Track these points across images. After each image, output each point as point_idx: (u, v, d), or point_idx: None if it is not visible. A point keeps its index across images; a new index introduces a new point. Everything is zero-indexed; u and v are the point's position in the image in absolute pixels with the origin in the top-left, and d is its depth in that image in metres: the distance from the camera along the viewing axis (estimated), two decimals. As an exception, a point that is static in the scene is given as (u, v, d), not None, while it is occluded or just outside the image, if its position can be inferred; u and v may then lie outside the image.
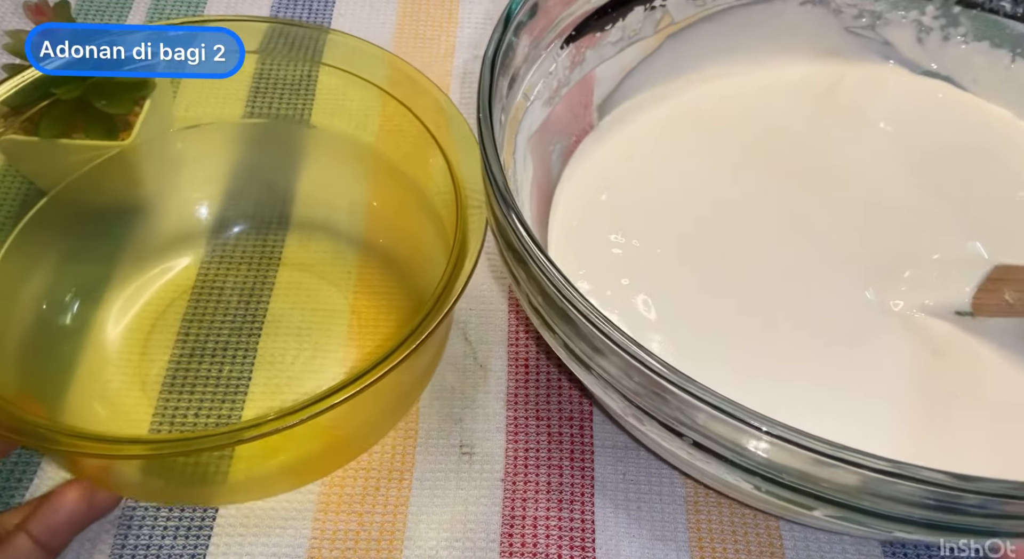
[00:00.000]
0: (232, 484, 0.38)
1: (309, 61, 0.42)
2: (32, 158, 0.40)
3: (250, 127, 0.48)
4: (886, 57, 0.48)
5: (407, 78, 0.40)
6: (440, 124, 0.39)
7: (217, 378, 0.41)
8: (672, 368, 0.26)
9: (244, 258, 0.45)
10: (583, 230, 0.41)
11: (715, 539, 0.38)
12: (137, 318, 0.43)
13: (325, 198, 0.47)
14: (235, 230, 0.46)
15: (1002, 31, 0.45)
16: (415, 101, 0.40)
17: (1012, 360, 0.37)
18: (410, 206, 0.44)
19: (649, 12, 0.43)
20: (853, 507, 0.26)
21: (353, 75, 0.41)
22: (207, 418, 0.40)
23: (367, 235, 0.46)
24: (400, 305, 0.44)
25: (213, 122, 0.46)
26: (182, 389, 0.41)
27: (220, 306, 0.44)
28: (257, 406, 0.41)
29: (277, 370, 0.42)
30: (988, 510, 0.24)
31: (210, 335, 0.43)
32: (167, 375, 0.41)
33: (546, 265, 0.28)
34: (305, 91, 0.47)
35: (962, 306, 0.37)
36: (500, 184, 0.31)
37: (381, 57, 0.41)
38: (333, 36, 0.42)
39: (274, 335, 0.43)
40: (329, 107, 0.45)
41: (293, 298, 0.44)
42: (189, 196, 0.46)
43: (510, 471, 0.39)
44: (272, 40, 0.42)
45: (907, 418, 0.35)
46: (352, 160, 0.46)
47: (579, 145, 0.45)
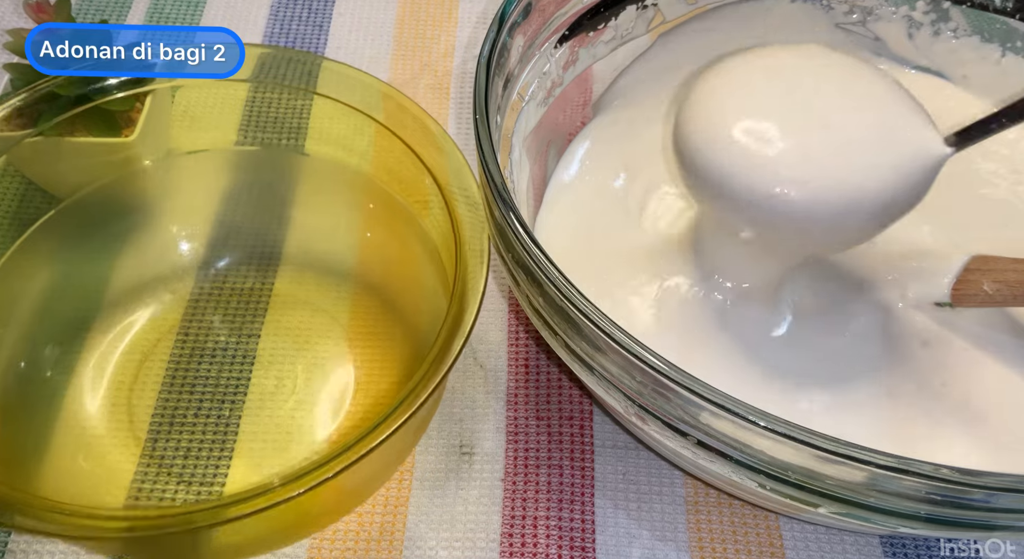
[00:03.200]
0: (216, 549, 0.36)
1: (303, 90, 0.41)
2: (32, 157, 0.39)
3: (241, 155, 0.46)
4: (876, 53, 0.48)
5: (401, 109, 0.39)
6: (434, 156, 0.39)
7: (204, 424, 0.39)
8: (674, 366, 0.26)
9: (234, 292, 0.43)
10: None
11: (715, 539, 0.38)
12: (121, 363, 0.41)
13: (319, 228, 0.46)
14: (224, 263, 0.44)
15: (992, 25, 0.45)
16: (409, 132, 0.39)
17: (994, 351, 0.37)
18: (406, 238, 0.43)
19: (641, 11, 0.43)
20: (857, 503, 0.26)
21: (347, 105, 0.40)
22: (194, 468, 0.38)
23: (361, 267, 0.45)
24: (397, 343, 0.42)
25: (204, 150, 0.44)
26: (168, 437, 0.39)
27: (208, 345, 0.42)
28: (247, 458, 0.39)
29: (268, 413, 0.40)
30: (992, 504, 0.24)
31: (198, 376, 0.41)
32: (153, 421, 0.39)
33: (546, 265, 0.28)
34: (299, 119, 0.45)
35: (941, 297, 0.37)
36: (498, 185, 0.31)
37: (375, 87, 0.40)
38: (327, 64, 0.41)
39: (265, 375, 0.41)
40: (323, 135, 0.44)
41: (284, 334, 0.42)
42: (176, 228, 0.45)
43: (510, 471, 0.39)
44: (264, 69, 0.41)
45: (902, 411, 0.35)
46: (347, 189, 0.45)
47: (571, 143, 0.45)
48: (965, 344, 0.37)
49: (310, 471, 0.29)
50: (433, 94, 0.54)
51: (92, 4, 0.58)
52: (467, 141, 0.51)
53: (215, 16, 0.57)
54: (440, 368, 0.32)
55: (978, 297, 0.36)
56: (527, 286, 0.31)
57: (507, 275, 0.32)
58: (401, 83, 0.54)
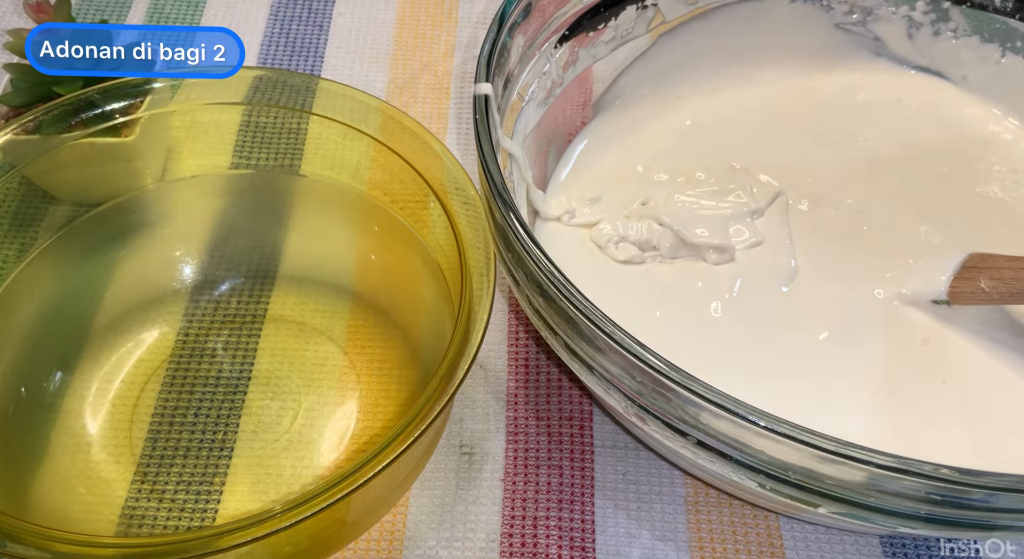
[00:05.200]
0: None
1: (297, 111, 0.41)
2: (33, 157, 0.39)
3: (236, 178, 0.45)
4: (876, 53, 0.48)
5: (400, 126, 0.39)
6: (436, 173, 0.38)
7: (199, 445, 0.39)
8: (674, 366, 0.26)
9: (228, 317, 0.43)
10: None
11: (715, 539, 0.38)
12: (121, 389, 0.40)
13: (317, 250, 0.45)
14: (220, 289, 0.43)
15: (992, 26, 0.45)
16: (409, 150, 0.39)
17: (994, 349, 0.37)
18: (406, 256, 0.42)
19: (641, 11, 0.43)
20: (858, 503, 0.26)
21: (342, 124, 0.40)
22: (186, 493, 0.38)
23: (361, 287, 0.44)
24: (401, 364, 0.41)
25: (197, 175, 0.44)
26: (161, 460, 0.38)
27: (204, 367, 0.41)
28: (245, 484, 0.38)
29: (268, 437, 0.39)
30: (992, 504, 0.24)
31: (191, 401, 0.40)
32: (146, 444, 0.39)
33: (547, 266, 0.28)
34: (295, 139, 0.44)
35: (938, 295, 0.37)
36: (498, 185, 0.31)
37: (373, 105, 0.40)
38: (322, 84, 0.41)
39: (263, 399, 0.40)
40: (319, 155, 0.43)
41: (282, 357, 0.41)
42: (173, 252, 0.44)
43: (510, 471, 0.39)
44: (259, 90, 0.41)
45: (902, 410, 0.35)
46: (344, 209, 0.44)
47: (571, 143, 0.45)
48: (965, 342, 0.37)
49: (309, 499, 0.28)
50: (433, 94, 0.54)
51: (92, 4, 0.58)
52: (467, 141, 0.51)
53: (215, 16, 0.57)
54: (446, 391, 0.31)
55: (976, 295, 0.36)
56: (527, 286, 0.31)
57: (507, 275, 0.32)
58: (401, 83, 0.54)
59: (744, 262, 0.39)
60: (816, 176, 0.43)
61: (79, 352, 0.41)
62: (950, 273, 0.38)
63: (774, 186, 0.42)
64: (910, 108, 0.46)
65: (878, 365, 0.36)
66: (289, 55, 0.55)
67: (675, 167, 0.43)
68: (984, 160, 0.44)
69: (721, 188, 0.41)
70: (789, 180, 0.42)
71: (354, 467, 0.29)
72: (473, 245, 0.36)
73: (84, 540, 0.29)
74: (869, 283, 0.39)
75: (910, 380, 0.36)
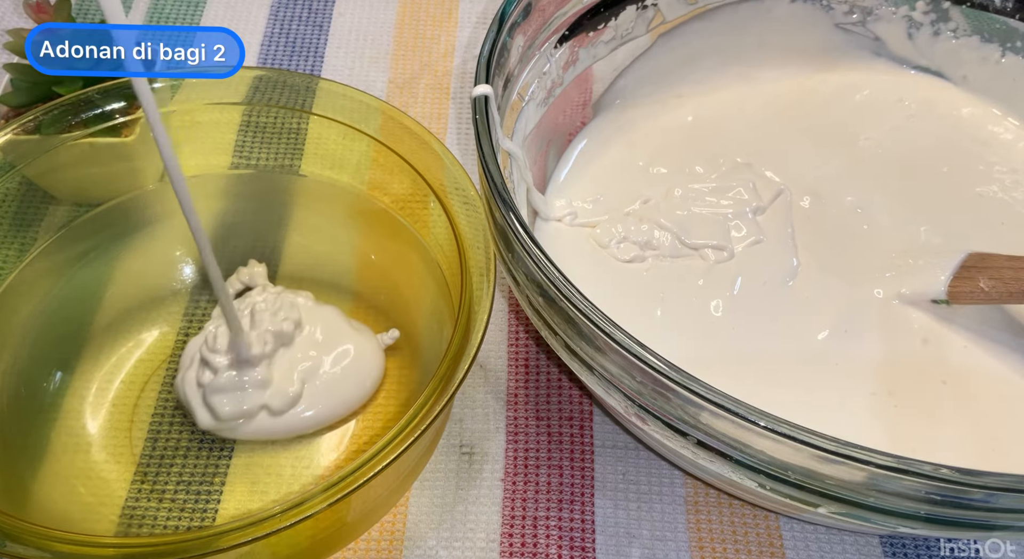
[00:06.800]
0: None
1: (298, 110, 0.41)
2: (33, 157, 0.39)
3: (236, 178, 0.45)
4: (876, 53, 0.48)
5: (400, 126, 0.39)
6: (436, 173, 0.38)
7: (199, 445, 0.39)
8: (674, 366, 0.26)
9: None
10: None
11: (715, 539, 0.38)
12: (121, 388, 0.40)
13: (317, 250, 0.45)
14: None
15: (992, 25, 0.45)
16: (409, 150, 0.39)
17: (994, 348, 0.37)
18: (406, 255, 0.42)
19: (641, 11, 0.43)
20: (858, 503, 0.26)
21: (342, 124, 0.40)
22: (186, 493, 0.38)
23: (363, 290, 0.44)
24: (402, 367, 0.41)
25: (197, 175, 0.44)
26: (161, 460, 0.38)
27: None
28: (242, 485, 0.38)
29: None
30: (992, 504, 0.24)
31: None
32: (146, 444, 0.39)
33: (547, 266, 0.28)
34: (295, 139, 0.44)
35: (938, 294, 0.37)
36: (499, 185, 0.31)
37: (373, 105, 0.40)
38: (323, 84, 0.41)
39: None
40: (319, 155, 0.43)
41: None
42: (173, 253, 0.44)
43: (510, 471, 0.39)
44: (259, 90, 0.41)
45: (902, 410, 0.35)
46: (346, 210, 0.44)
47: (571, 143, 0.45)
48: (965, 342, 0.37)
49: (309, 499, 0.29)
50: (433, 94, 0.54)
51: (92, 4, 0.58)
52: (467, 141, 0.51)
53: (215, 16, 0.57)
54: (446, 391, 0.31)
55: (975, 294, 0.37)
56: (527, 286, 0.31)
57: (507, 275, 0.32)
58: (401, 83, 0.54)
59: (745, 260, 0.39)
60: (816, 176, 0.43)
61: (79, 352, 0.40)
62: (950, 273, 0.38)
63: (776, 182, 0.42)
64: (910, 108, 0.46)
65: (878, 364, 0.36)
66: (289, 55, 0.55)
67: (676, 164, 0.43)
68: (984, 160, 0.44)
69: (723, 185, 0.41)
70: (790, 179, 0.42)
71: (354, 467, 0.29)
72: (473, 245, 0.36)
73: (84, 540, 0.29)
74: (869, 282, 0.39)
75: (910, 380, 0.36)
